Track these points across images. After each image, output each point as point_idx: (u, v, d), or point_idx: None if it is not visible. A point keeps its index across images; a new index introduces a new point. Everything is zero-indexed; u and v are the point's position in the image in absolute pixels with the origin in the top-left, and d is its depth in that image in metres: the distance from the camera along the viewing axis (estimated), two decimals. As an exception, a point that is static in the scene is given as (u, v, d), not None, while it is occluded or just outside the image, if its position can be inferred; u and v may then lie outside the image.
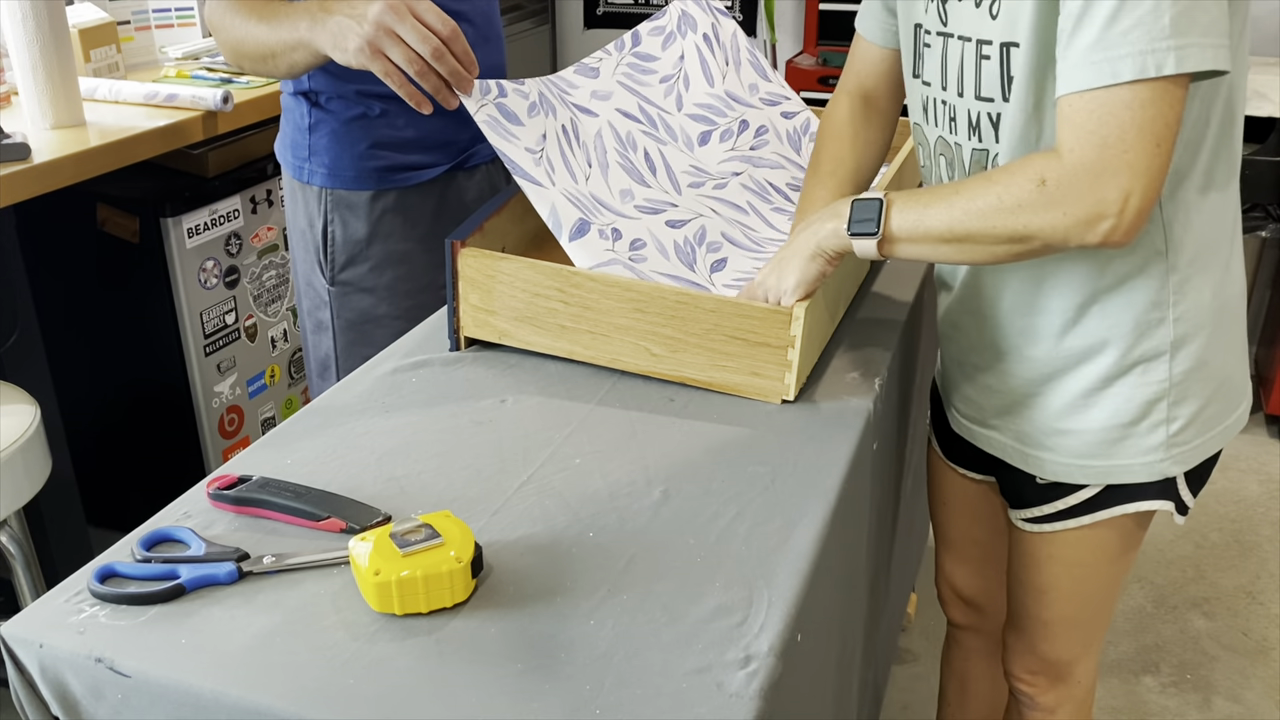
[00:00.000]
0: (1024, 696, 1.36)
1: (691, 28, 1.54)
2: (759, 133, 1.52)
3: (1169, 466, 1.10)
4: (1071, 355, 1.09)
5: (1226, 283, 1.08)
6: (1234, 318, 1.10)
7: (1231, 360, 1.10)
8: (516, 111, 1.18)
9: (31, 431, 1.56)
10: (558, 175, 1.18)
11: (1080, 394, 1.10)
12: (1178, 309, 1.05)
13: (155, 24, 2.36)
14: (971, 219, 0.95)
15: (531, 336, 1.15)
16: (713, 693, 0.73)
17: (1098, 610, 1.26)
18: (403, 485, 0.95)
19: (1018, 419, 1.16)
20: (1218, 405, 1.10)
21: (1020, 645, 1.32)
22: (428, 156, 1.47)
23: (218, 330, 2.14)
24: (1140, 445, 1.10)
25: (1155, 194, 0.89)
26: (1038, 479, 1.17)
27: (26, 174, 1.69)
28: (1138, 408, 1.08)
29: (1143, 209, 0.89)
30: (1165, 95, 0.87)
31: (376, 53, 1.09)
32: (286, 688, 0.73)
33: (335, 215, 1.47)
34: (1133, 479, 1.12)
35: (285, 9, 1.22)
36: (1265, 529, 2.52)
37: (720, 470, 0.98)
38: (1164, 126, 0.88)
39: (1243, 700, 2.02)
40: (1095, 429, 1.10)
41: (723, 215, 1.35)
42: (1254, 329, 3.17)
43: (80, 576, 0.83)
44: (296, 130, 1.48)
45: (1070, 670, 1.31)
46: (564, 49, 3.89)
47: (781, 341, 1.06)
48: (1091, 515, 1.15)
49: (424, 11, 1.08)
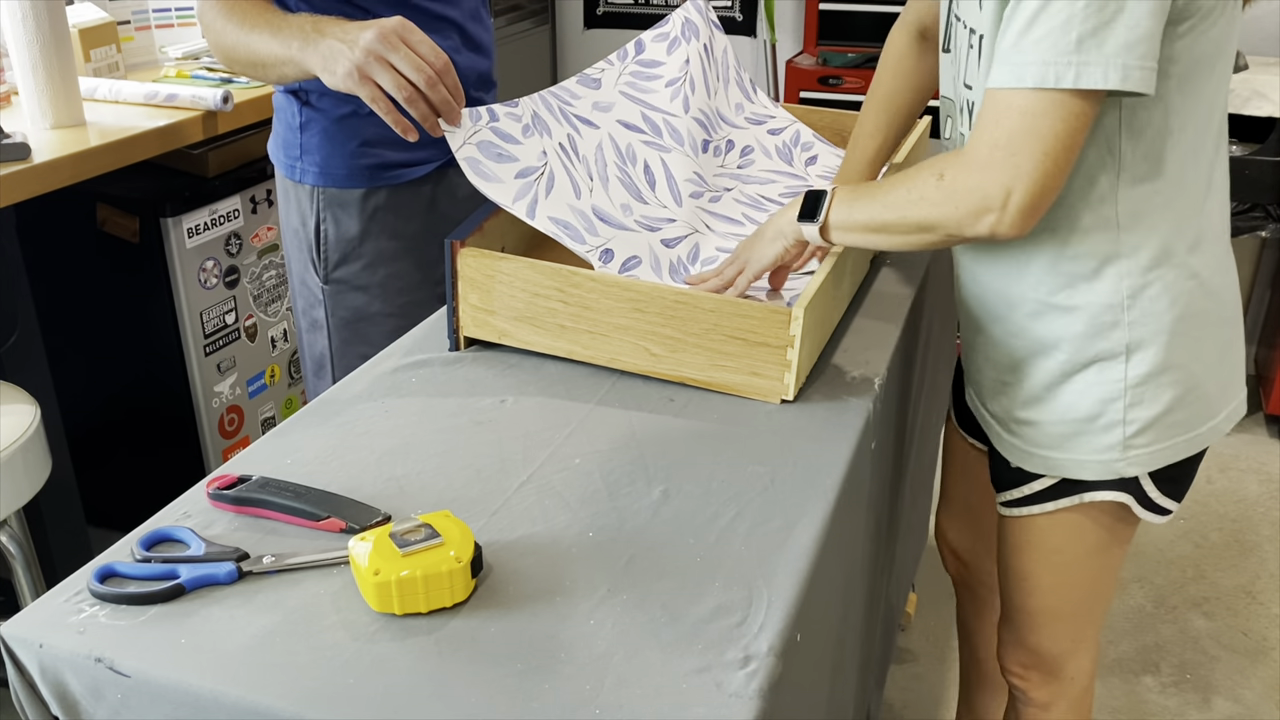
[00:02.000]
0: (1018, 691, 1.38)
1: (695, 35, 1.54)
2: (744, 152, 1.53)
3: (1125, 467, 1.12)
4: (1034, 345, 1.12)
5: (1195, 292, 1.07)
6: (1208, 326, 1.09)
7: (1202, 369, 1.10)
8: (511, 133, 1.18)
9: (31, 431, 1.56)
10: (554, 195, 1.17)
11: (1042, 385, 1.13)
12: (1132, 313, 1.06)
13: (155, 24, 2.36)
14: (888, 211, 1.04)
15: (531, 336, 1.15)
16: (712, 692, 0.73)
17: (1083, 605, 1.27)
18: (402, 485, 0.95)
19: (997, 400, 1.21)
20: (1185, 412, 1.11)
21: (1011, 638, 1.34)
22: (419, 153, 1.47)
23: (218, 330, 2.14)
24: (1095, 444, 1.12)
25: (1041, 198, 0.94)
26: (1010, 463, 1.21)
27: (26, 174, 1.69)
28: (1093, 405, 1.10)
29: (1025, 207, 0.94)
30: (1062, 107, 0.90)
31: (365, 78, 1.10)
32: (286, 688, 0.73)
33: (327, 213, 1.47)
34: (1086, 475, 1.14)
35: (279, 21, 1.22)
36: (1265, 529, 2.52)
37: (720, 470, 0.98)
38: (1054, 138, 0.91)
39: (1243, 700, 2.02)
40: (1053, 421, 1.14)
41: (717, 231, 1.35)
42: (1254, 329, 3.17)
43: (80, 576, 0.83)
44: (288, 129, 1.48)
45: (1061, 666, 1.32)
46: (564, 49, 3.89)
47: (781, 341, 1.06)
48: (1053, 503, 1.18)
49: (417, 43, 1.09)
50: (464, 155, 1.12)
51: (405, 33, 1.09)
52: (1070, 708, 1.36)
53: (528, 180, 1.15)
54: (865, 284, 1.35)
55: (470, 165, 1.12)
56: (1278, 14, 2.97)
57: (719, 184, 1.44)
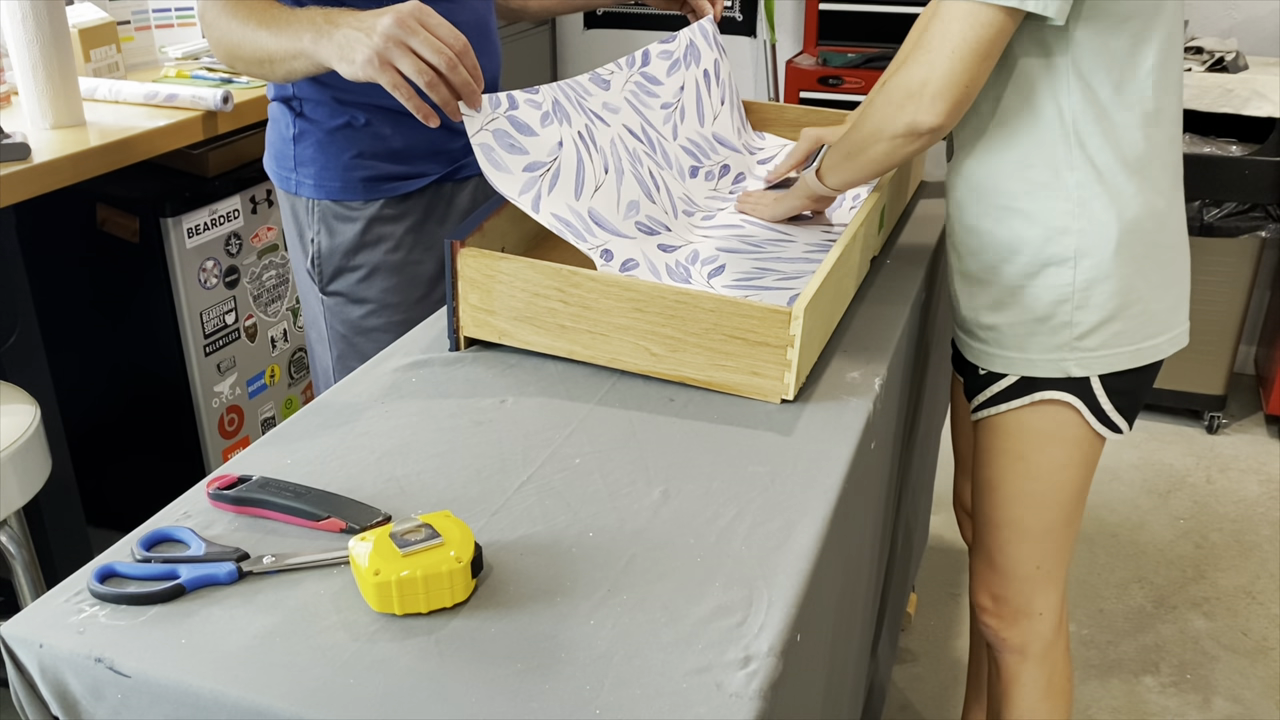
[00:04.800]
0: (992, 636, 1.45)
1: (696, 60, 1.54)
2: (738, 179, 1.53)
3: (1072, 367, 1.25)
4: (1001, 250, 1.24)
5: (1141, 212, 1.19)
6: (1152, 247, 1.21)
7: (1145, 287, 1.22)
8: (529, 122, 1.17)
9: (31, 431, 1.56)
10: (556, 193, 1.17)
11: (1005, 289, 1.26)
12: (1080, 221, 1.19)
13: (155, 24, 2.36)
14: (854, 131, 1.21)
15: (531, 336, 1.15)
16: (712, 693, 0.73)
17: (1047, 525, 1.35)
18: (403, 485, 0.95)
19: (969, 307, 1.32)
20: (1127, 324, 1.23)
21: (981, 565, 1.43)
22: (416, 166, 1.46)
23: (218, 330, 2.15)
24: (1047, 343, 1.25)
25: (949, 89, 1.09)
26: (980, 369, 1.33)
27: (26, 174, 1.69)
28: (1046, 306, 1.23)
29: (936, 94, 1.10)
30: (972, 15, 1.07)
31: (385, 64, 1.07)
32: (286, 688, 0.73)
33: (323, 226, 1.46)
34: (1039, 373, 1.27)
35: (285, 15, 1.20)
36: (1265, 529, 2.52)
37: (720, 470, 0.98)
38: (963, 42, 1.08)
39: (1243, 700, 2.02)
40: (1013, 322, 1.26)
41: (714, 238, 1.35)
42: (1254, 329, 3.17)
43: (80, 576, 0.83)
44: (282, 141, 1.46)
45: (1029, 600, 1.39)
46: (564, 49, 3.89)
47: (781, 341, 1.06)
48: (1013, 401, 1.30)
49: (436, 25, 1.07)
50: (479, 141, 1.12)
51: (423, 16, 1.07)
52: (1044, 657, 1.42)
53: (533, 175, 1.15)
54: (866, 283, 1.35)
55: (484, 152, 1.12)
56: (1278, 14, 2.97)
57: (711, 205, 1.44)
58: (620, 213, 1.25)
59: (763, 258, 1.31)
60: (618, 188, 1.25)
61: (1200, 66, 2.79)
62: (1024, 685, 1.43)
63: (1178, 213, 1.25)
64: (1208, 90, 2.64)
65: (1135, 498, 2.64)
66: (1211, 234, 2.66)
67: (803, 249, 1.34)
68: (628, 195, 1.27)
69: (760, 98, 3.01)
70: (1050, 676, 1.43)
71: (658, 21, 3.63)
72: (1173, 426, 2.93)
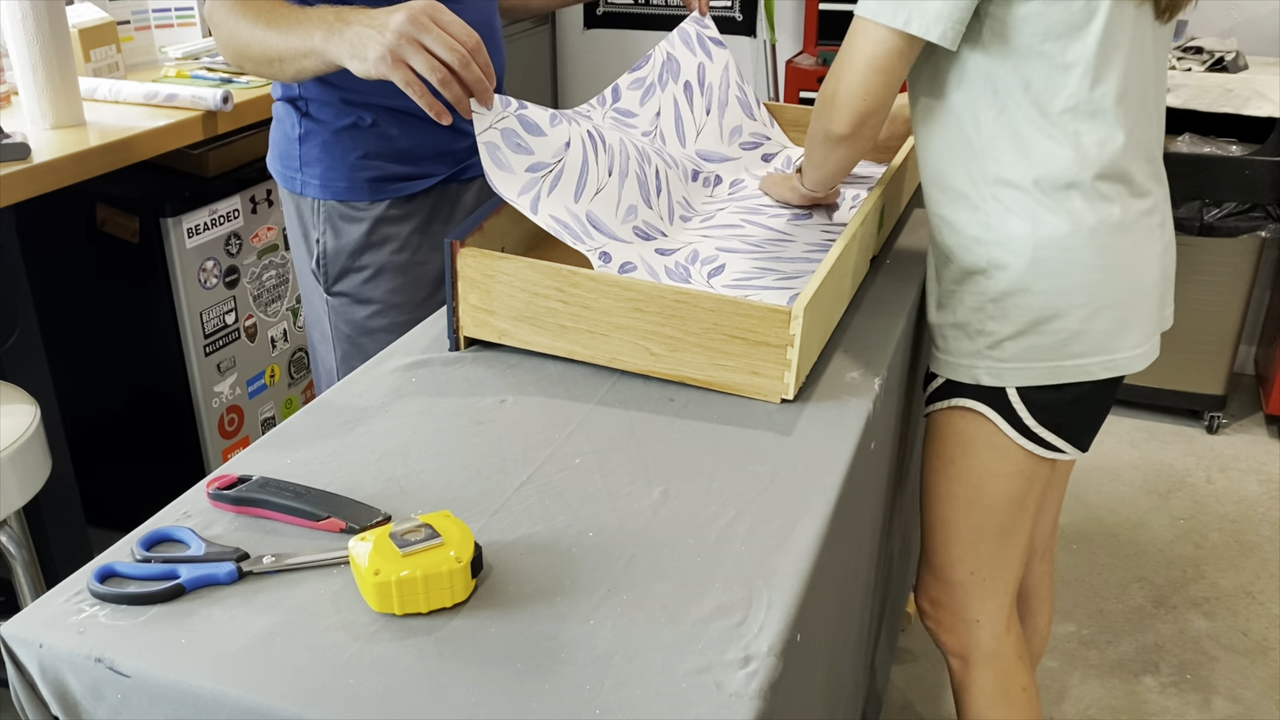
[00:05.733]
0: (934, 640, 1.47)
1: (674, 76, 1.52)
2: (734, 185, 1.53)
3: (983, 375, 1.26)
4: (940, 255, 1.28)
5: (1061, 230, 1.17)
6: (1074, 267, 1.19)
7: (1067, 306, 1.20)
8: (538, 122, 1.17)
9: (31, 431, 1.56)
10: (555, 195, 1.17)
11: (944, 292, 1.28)
12: (993, 233, 1.20)
13: (155, 24, 2.36)
14: (811, 139, 1.26)
15: (531, 336, 1.15)
16: (712, 693, 0.73)
17: (973, 524, 1.35)
18: (403, 485, 0.95)
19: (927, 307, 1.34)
20: (1042, 339, 1.22)
21: (921, 566, 1.45)
22: (422, 167, 1.46)
23: (218, 330, 2.15)
24: (964, 348, 1.27)
25: (850, 99, 1.14)
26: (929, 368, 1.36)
27: (26, 174, 1.69)
28: (966, 312, 1.26)
29: (841, 107, 1.15)
30: (871, 35, 1.12)
31: (398, 61, 1.07)
32: (286, 688, 0.73)
33: (328, 226, 1.45)
34: (956, 377, 1.29)
35: (295, 15, 1.20)
36: (1265, 529, 2.52)
37: (720, 470, 0.98)
38: (860, 58, 1.13)
39: (1243, 700, 2.02)
40: (944, 324, 1.29)
41: (714, 237, 1.35)
42: (1254, 329, 3.17)
43: (80, 576, 0.83)
44: (287, 140, 1.46)
45: (965, 606, 1.40)
46: (564, 50, 3.89)
47: (781, 340, 1.06)
48: (940, 402, 1.33)
49: (448, 22, 1.07)
50: (485, 140, 1.12)
51: (435, 13, 1.07)
52: (988, 665, 1.42)
53: (536, 175, 1.15)
54: (865, 284, 1.35)
55: (489, 150, 1.12)
56: (1278, 14, 2.97)
57: (709, 209, 1.44)
58: (618, 217, 1.24)
59: (762, 257, 1.31)
60: (619, 191, 1.25)
61: (1200, 66, 2.79)
62: (971, 691, 1.44)
63: (1137, 237, 1.21)
64: (1208, 90, 2.64)
65: (1135, 498, 2.64)
66: (1211, 234, 2.66)
67: (802, 249, 1.34)
68: (627, 200, 1.26)
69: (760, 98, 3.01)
70: (1000, 684, 1.42)
71: (658, 21, 3.63)
72: (1173, 426, 2.93)
